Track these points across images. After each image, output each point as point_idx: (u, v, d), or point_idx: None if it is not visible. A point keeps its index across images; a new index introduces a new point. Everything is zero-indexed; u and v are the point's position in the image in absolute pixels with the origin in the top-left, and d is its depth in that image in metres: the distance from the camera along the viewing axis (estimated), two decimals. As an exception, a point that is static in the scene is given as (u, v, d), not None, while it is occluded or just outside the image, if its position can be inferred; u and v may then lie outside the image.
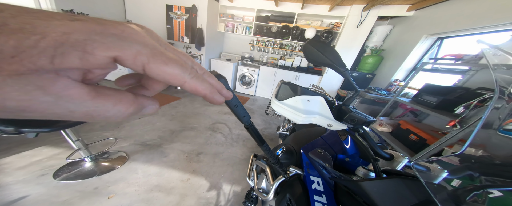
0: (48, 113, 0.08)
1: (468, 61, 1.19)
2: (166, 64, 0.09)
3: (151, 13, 2.86)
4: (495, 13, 1.32)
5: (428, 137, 1.16)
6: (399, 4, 2.13)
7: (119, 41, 0.08)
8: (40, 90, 0.07)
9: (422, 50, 2.03)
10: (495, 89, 0.24)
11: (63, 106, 0.08)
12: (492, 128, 0.26)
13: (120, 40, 0.08)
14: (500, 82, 0.28)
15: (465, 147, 0.22)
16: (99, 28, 0.08)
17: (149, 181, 1.11)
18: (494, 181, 0.20)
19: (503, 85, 0.28)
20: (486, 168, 0.22)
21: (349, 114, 0.38)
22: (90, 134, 1.45)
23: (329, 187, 0.40)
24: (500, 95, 0.26)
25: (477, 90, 1.11)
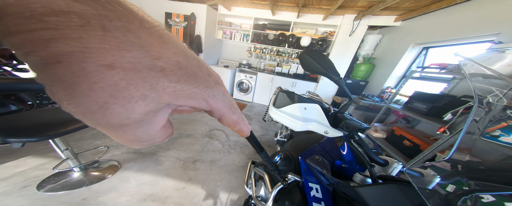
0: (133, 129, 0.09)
1: (452, 70, 1.28)
2: (234, 114, 0.14)
3: (150, 20, 2.91)
4: (473, 25, 1.45)
5: (421, 142, 1.20)
6: (387, 14, 2.29)
7: (222, 98, 0.12)
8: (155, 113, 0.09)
9: (410, 58, 2.16)
10: (474, 99, 0.27)
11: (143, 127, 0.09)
12: (476, 134, 0.28)
13: (224, 97, 0.12)
14: (478, 92, 0.31)
15: (451, 153, 0.24)
16: (219, 85, 0.12)
17: (142, 190, 1.07)
18: (484, 185, 0.22)
19: (481, 94, 0.31)
20: (474, 173, 0.23)
21: (345, 121, 0.39)
22: (80, 142, 1.40)
23: (327, 193, 0.40)
24: (479, 105, 0.28)
25: (462, 98, 1.18)
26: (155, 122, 0.09)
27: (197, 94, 0.10)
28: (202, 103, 0.10)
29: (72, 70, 0.06)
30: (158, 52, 0.08)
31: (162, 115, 0.09)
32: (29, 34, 0.06)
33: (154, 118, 0.09)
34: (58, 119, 0.78)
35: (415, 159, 1.06)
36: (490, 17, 1.33)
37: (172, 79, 0.08)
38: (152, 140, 0.10)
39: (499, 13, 1.28)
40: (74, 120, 0.79)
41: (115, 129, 0.08)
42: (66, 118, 0.80)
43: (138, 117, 0.08)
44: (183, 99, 0.09)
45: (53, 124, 0.74)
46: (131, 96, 0.07)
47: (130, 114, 0.08)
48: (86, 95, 0.07)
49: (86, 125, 0.75)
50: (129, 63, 0.07)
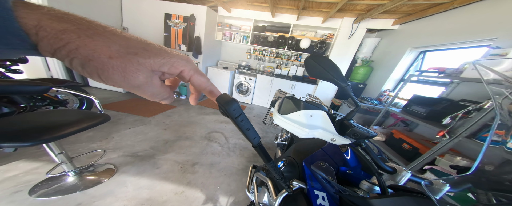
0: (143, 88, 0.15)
1: (450, 74, 1.30)
2: (201, 75, 0.19)
3: (148, 20, 2.89)
4: (469, 30, 1.48)
5: (420, 146, 1.21)
6: (385, 18, 2.33)
7: (186, 63, 0.17)
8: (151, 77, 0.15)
9: (408, 62, 2.19)
10: (495, 110, 0.26)
11: (148, 86, 0.15)
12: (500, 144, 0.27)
13: (187, 62, 0.17)
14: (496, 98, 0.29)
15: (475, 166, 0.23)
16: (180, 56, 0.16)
17: (139, 195, 1.04)
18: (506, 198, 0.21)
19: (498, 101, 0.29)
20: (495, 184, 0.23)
21: (352, 128, 0.39)
22: (75, 145, 1.36)
23: (334, 202, 0.39)
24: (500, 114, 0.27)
25: (461, 102, 1.20)
26: (154, 82, 0.16)
27: (166, 63, 0.15)
28: (171, 68, 0.16)
29: (98, 63, 0.12)
30: (127, 44, 0.13)
31: (155, 78, 0.16)
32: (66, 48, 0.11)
33: (152, 80, 0.15)
34: (52, 122, 0.75)
35: (415, 162, 1.06)
36: (487, 22, 1.36)
37: (146, 56, 0.14)
38: (161, 95, 0.17)
39: (495, 18, 1.31)
40: (68, 123, 0.76)
41: (137, 88, 0.15)
42: (61, 121, 0.77)
43: (143, 80, 0.14)
44: (158, 66, 0.15)
45: (47, 128, 0.71)
46: (131, 70, 0.13)
47: (138, 79, 0.14)
48: (111, 74, 0.13)
49: (81, 129, 0.74)
50: (116, 53, 0.13)
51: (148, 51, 0.14)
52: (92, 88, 2.68)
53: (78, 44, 0.11)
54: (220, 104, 0.23)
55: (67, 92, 1.31)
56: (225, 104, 0.22)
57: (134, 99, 2.55)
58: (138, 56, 0.13)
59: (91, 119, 0.82)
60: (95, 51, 0.12)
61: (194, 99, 0.23)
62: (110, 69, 0.12)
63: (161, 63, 0.15)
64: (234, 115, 0.23)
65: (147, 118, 2.05)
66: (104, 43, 0.12)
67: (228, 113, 0.23)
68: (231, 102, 0.22)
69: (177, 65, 0.16)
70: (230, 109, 0.22)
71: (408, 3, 1.76)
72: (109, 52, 0.12)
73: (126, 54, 0.13)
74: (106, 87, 2.73)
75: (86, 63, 0.12)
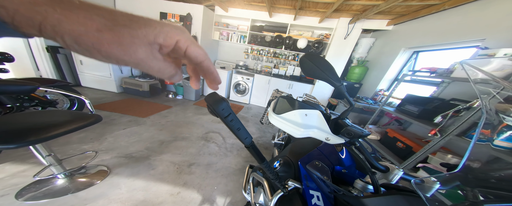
0: (146, 63, 0.15)
1: (441, 74, 1.33)
2: (198, 47, 0.17)
3: (144, 19, 2.83)
4: (459, 31, 1.52)
5: (413, 144, 1.24)
6: (380, 18, 2.37)
7: (181, 32, 0.16)
8: (150, 50, 0.14)
9: (402, 62, 2.24)
10: (481, 109, 0.26)
11: (151, 61, 0.15)
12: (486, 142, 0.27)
13: (182, 32, 0.16)
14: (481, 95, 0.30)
15: (462, 164, 0.23)
16: (174, 26, 0.16)
17: (133, 197, 1.02)
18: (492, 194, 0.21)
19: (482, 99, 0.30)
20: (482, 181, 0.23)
21: (346, 127, 0.39)
22: (65, 147, 1.31)
23: (329, 201, 0.39)
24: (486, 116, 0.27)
25: (451, 101, 1.23)
26: (156, 56, 0.15)
27: (160, 32, 0.14)
28: (167, 38, 0.15)
29: (90, 38, 0.12)
30: (112, 17, 0.13)
31: (155, 52, 0.15)
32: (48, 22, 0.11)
33: (153, 54, 0.15)
34: (40, 123, 0.72)
35: (408, 160, 1.09)
36: (476, 23, 1.41)
37: (136, 28, 0.13)
38: (168, 70, 0.17)
39: (483, 19, 1.36)
40: (57, 124, 0.73)
41: (142, 63, 0.15)
42: (49, 122, 0.74)
43: (143, 54, 0.14)
44: (152, 37, 0.14)
45: (35, 129, 0.68)
46: (127, 43, 0.13)
47: (138, 53, 0.14)
48: (109, 48, 0.13)
49: (71, 130, 0.71)
50: (103, 26, 0.12)
51: (138, 23, 0.13)
52: (84, 89, 2.60)
53: (59, 18, 0.11)
54: (209, 103, 0.22)
55: (56, 92, 1.26)
56: (214, 103, 0.21)
57: (128, 100, 2.49)
58: (128, 28, 0.13)
59: (81, 120, 0.79)
60: (80, 25, 0.11)
61: (195, 81, 0.21)
62: (105, 44, 0.12)
63: (155, 34, 0.14)
64: (223, 115, 0.22)
65: (142, 118, 2.01)
66: (86, 15, 0.11)
67: (217, 113, 0.22)
68: (219, 101, 0.22)
69: (172, 34, 0.15)
70: (219, 109, 0.21)
71: (402, 4, 1.79)
72: (95, 25, 0.12)
73: (114, 26, 0.12)
74: (99, 87, 2.66)
75: (78, 39, 0.11)
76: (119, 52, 0.13)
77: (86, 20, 0.11)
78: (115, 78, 2.60)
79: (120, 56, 0.13)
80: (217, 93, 0.23)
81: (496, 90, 0.32)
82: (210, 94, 0.23)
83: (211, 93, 0.23)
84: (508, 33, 1.17)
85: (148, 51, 0.14)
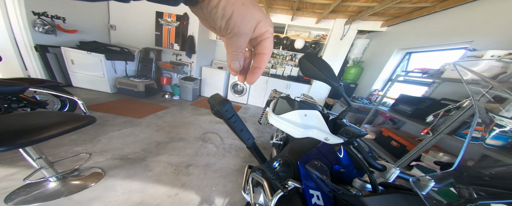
0: (245, 38, 0.17)
1: (432, 74, 1.38)
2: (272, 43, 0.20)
3: (137, 19, 2.77)
4: (449, 33, 1.58)
5: (407, 143, 1.28)
6: (374, 20, 2.43)
7: (271, 25, 0.19)
8: (252, 29, 0.17)
9: (395, 63, 2.30)
10: (474, 110, 0.28)
11: (247, 38, 0.17)
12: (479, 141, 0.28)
13: (271, 25, 0.19)
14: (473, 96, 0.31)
15: (457, 163, 0.24)
16: (268, 17, 0.18)
17: (130, 199, 0.99)
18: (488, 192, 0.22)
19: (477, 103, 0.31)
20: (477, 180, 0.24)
21: (344, 127, 0.40)
22: (57, 149, 1.26)
23: (329, 200, 0.40)
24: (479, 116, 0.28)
25: (442, 101, 1.28)
26: (246, 38, 0.18)
27: (264, 18, 0.18)
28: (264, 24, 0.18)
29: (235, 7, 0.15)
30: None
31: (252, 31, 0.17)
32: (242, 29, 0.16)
33: (248, 36, 0.17)
34: (29, 125, 0.70)
35: (402, 159, 1.12)
36: (464, 25, 1.47)
37: (257, 9, 0.17)
38: (242, 51, 0.19)
39: (471, 22, 1.42)
40: (48, 126, 0.71)
41: (242, 36, 0.17)
42: (39, 124, 0.71)
43: (250, 29, 0.17)
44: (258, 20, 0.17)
45: (24, 131, 0.66)
46: (248, 18, 0.16)
47: (247, 27, 0.16)
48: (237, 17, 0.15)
49: (62, 132, 0.69)
50: (247, 1, 0.16)
51: (257, 5, 0.17)
52: (75, 89, 2.51)
53: None
54: (212, 104, 0.22)
55: (46, 93, 1.21)
56: (217, 105, 0.21)
57: (123, 100, 2.43)
58: (254, 7, 0.16)
59: (73, 121, 0.76)
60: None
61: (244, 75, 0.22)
62: (238, 15, 0.15)
63: (261, 18, 0.17)
64: (226, 116, 0.22)
65: (137, 119, 1.97)
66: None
67: (221, 114, 0.22)
68: (223, 103, 0.21)
69: (266, 23, 0.18)
70: (223, 110, 0.21)
71: (395, 6, 1.84)
72: (243, 0, 0.15)
73: (250, 4, 0.16)
74: (91, 87, 2.57)
75: (229, 6, 0.15)
76: (240, 23, 0.16)
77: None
78: (109, 78, 2.52)
79: (238, 24, 0.16)
80: (220, 95, 0.23)
81: (485, 90, 0.34)
82: (214, 95, 0.23)
83: (214, 95, 0.23)
84: (494, 35, 1.23)
85: (252, 28, 0.17)
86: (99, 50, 2.38)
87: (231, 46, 0.17)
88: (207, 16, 0.15)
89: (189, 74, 3.14)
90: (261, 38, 0.19)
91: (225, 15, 0.15)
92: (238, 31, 0.16)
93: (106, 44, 2.59)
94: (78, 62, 2.36)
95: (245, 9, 0.15)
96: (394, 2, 1.67)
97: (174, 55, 3.06)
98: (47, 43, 2.20)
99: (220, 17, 0.15)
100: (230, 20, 0.15)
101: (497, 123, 0.28)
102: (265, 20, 0.17)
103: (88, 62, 2.37)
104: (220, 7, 0.15)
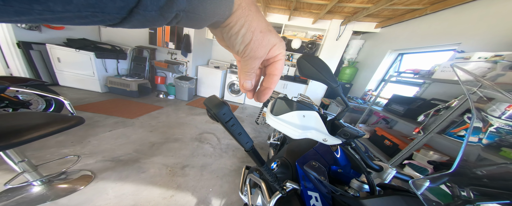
0: (258, 61, 0.18)
1: (423, 75, 1.43)
2: (283, 65, 0.20)
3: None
4: (439, 35, 1.65)
5: (399, 142, 1.31)
6: (369, 21, 2.48)
7: (284, 48, 0.19)
8: (266, 53, 0.18)
9: (388, 63, 2.36)
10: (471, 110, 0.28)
11: (260, 60, 0.18)
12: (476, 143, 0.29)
13: (284, 47, 0.19)
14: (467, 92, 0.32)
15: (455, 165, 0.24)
16: (281, 39, 0.19)
17: (122, 201, 0.96)
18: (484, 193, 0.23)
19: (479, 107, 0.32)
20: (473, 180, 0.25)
21: (342, 128, 0.39)
22: (41, 152, 1.20)
23: (327, 201, 0.40)
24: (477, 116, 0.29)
25: (432, 101, 1.33)
26: (260, 61, 0.18)
27: (277, 42, 0.18)
28: (278, 47, 0.18)
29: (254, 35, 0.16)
30: (267, 22, 0.17)
31: (263, 58, 0.18)
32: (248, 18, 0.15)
33: (262, 59, 0.18)
34: (10, 126, 0.65)
35: (395, 157, 1.16)
36: (453, 28, 1.53)
37: (273, 35, 0.17)
38: (255, 72, 0.19)
39: (460, 25, 1.48)
40: (30, 127, 0.66)
41: (256, 59, 0.17)
42: (21, 125, 0.66)
43: (264, 53, 0.17)
44: (272, 45, 0.18)
45: (4, 133, 0.61)
46: (263, 45, 0.17)
47: (262, 52, 0.17)
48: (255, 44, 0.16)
49: (47, 133, 0.65)
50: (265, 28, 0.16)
51: (272, 31, 0.17)
52: (62, 88, 2.39)
53: (252, 18, 0.15)
54: (208, 107, 0.21)
55: (29, 92, 1.14)
56: (214, 108, 0.20)
57: (114, 100, 2.34)
58: (270, 33, 0.17)
59: (59, 122, 0.72)
60: (258, 25, 0.16)
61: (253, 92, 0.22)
62: (255, 41, 0.16)
63: (276, 42, 0.17)
64: (224, 120, 0.21)
65: (129, 120, 1.90)
66: (261, 19, 0.16)
67: (218, 118, 0.21)
68: (220, 105, 0.20)
69: (280, 46, 0.18)
70: (220, 113, 0.20)
71: (389, 7, 1.89)
72: (261, 27, 0.16)
73: (267, 31, 0.16)
74: (80, 86, 2.46)
75: (248, 34, 0.15)
76: (257, 48, 0.16)
77: (260, 23, 0.16)
78: (99, 77, 2.42)
79: (255, 50, 0.16)
80: (217, 97, 0.21)
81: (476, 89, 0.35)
82: (210, 97, 0.22)
83: (211, 97, 0.22)
84: (480, 38, 1.29)
85: (267, 52, 0.18)
86: (89, 48, 2.28)
87: (246, 67, 0.18)
88: (227, 40, 0.16)
89: (184, 74, 3.08)
90: (273, 60, 0.20)
91: (244, 41, 0.16)
92: (254, 55, 0.17)
93: (96, 42, 2.48)
94: (65, 60, 2.24)
95: (262, 36, 0.16)
96: (388, 3, 1.71)
97: (169, 54, 2.98)
98: (30, 39, 2.07)
99: (239, 43, 0.16)
100: (248, 46, 0.16)
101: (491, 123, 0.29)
102: (280, 44, 0.18)
103: (77, 61, 2.25)
104: (240, 35, 0.15)
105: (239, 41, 0.16)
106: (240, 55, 0.17)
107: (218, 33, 0.16)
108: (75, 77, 2.37)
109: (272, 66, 0.20)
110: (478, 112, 0.31)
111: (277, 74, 0.20)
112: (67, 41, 2.28)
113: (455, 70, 0.31)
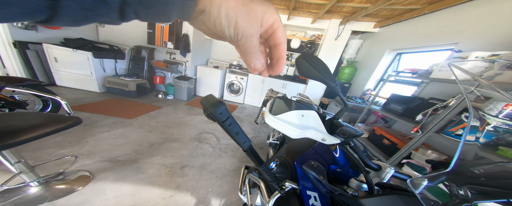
0: (254, 37, 0.16)
1: (421, 75, 1.44)
2: (284, 30, 0.18)
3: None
4: (436, 35, 1.66)
5: (398, 141, 1.32)
6: (367, 21, 2.48)
7: (277, 14, 0.17)
8: (259, 26, 0.16)
9: (387, 63, 2.38)
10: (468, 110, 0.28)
11: (256, 37, 0.17)
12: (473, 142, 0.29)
13: (277, 13, 0.17)
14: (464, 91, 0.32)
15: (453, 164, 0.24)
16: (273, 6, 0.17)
17: (121, 202, 0.96)
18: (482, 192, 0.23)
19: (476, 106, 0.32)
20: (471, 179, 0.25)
21: (341, 127, 0.39)
22: (38, 152, 1.19)
23: (326, 201, 0.40)
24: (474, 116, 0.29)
25: (430, 100, 1.34)
26: (258, 32, 0.17)
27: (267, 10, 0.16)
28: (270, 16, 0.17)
29: (236, 10, 0.14)
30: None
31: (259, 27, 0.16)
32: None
33: (259, 29, 0.16)
34: (6, 127, 0.64)
35: (394, 156, 1.16)
36: (450, 28, 1.54)
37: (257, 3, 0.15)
38: (258, 50, 0.18)
39: (456, 25, 1.49)
40: (27, 128, 0.65)
41: (250, 37, 0.16)
42: (17, 125, 0.66)
43: (256, 28, 0.16)
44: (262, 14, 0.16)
45: (0, 133, 0.60)
46: (251, 17, 0.15)
47: (254, 27, 0.16)
48: (242, 20, 0.15)
49: (44, 134, 0.64)
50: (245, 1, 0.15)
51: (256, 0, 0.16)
52: (59, 88, 2.36)
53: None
54: (205, 106, 0.20)
55: (26, 92, 1.12)
56: (211, 107, 0.20)
57: (113, 100, 2.33)
58: (253, 2, 0.15)
59: (56, 123, 0.71)
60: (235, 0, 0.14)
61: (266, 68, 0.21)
62: (242, 16, 0.14)
63: (264, 11, 0.16)
64: (221, 119, 0.21)
65: (128, 120, 1.89)
66: None
67: (214, 117, 0.21)
68: (217, 104, 0.20)
69: (271, 12, 0.16)
70: (216, 112, 0.20)
71: (387, 7, 1.89)
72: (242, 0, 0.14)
73: (248, 0, 0.15)
74: (78, 86, 2.44)
75: (230, 11, 0.14)
76: (247, 24, 0.15)
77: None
78: (97, 77, 2.40)
79: (245, 26, 0.15)
80: (213, 96, 0.21)
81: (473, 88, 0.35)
82: (207, 96, 0.21)
83: (207, 96, 0.21)
84: (478, 37, 1.30)
85: (259, 24, 0.16)
86: (86, 47, 2.26)
87: (247, 48, 0.17)
88: (213, 28, 0.15)
89: (183, 74, 3.07)
90: (271, 30, 0.18)
91: (231, 22, 0.14)
92: (248, 32, 0.16)
93: (93, 42, 2.45)
94: (62, 60, 2.22)
95: (246, 8, 0.15)
96: (386, 3, 1.71)
97: (168, 53, 2.97)
98: (27, 39, 2.04)
99: (226, 26, 0.14)
100: (237, 25, 0.15)
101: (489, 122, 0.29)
102: (269, 10, 0.16)
103: (74, 60, 2.23)
104: (223, 16, 0.14)
105: (225, 24, 0.14)
106: (235, 39, 0.16)
107: (201, 25, 0.15)
108: (73, 77, 2.35)
109: (273, 36, 0.18)
110: (475, 111, 0.32)
111: (282, 42, 0.18)
112: (64, 40, 2.26)
113: (452, 69, 0.31)
